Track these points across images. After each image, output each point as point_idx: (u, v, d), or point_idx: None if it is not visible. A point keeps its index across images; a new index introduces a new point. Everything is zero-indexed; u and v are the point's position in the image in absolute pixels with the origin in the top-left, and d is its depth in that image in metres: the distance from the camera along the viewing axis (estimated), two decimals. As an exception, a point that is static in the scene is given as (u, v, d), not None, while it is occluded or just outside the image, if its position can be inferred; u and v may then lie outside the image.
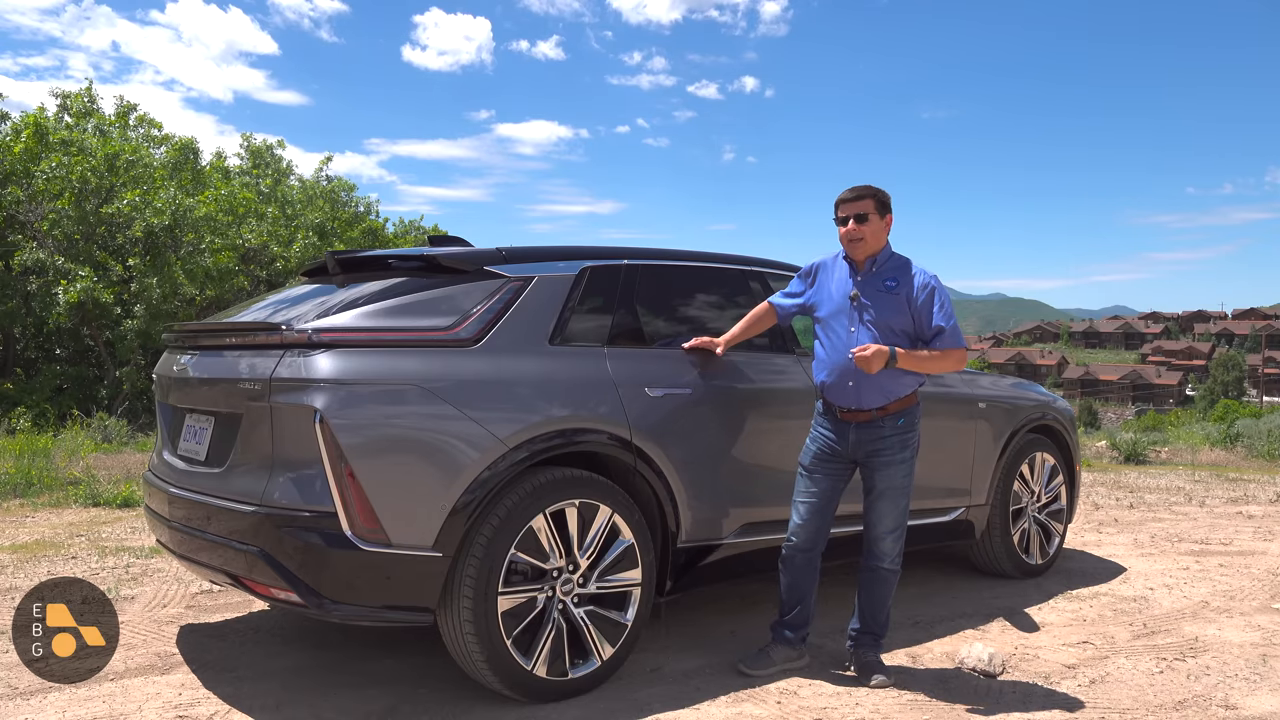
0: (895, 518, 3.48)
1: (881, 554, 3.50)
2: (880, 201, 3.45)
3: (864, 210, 3.42)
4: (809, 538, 3.50)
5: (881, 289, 3.43)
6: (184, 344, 3.65)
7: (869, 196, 3.43)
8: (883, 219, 3.45)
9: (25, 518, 6.51)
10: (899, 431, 3.43)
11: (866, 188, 3.45)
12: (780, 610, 3.60)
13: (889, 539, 3.49)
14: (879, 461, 3.43)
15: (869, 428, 3.42)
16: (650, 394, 3.49)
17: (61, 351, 17.98)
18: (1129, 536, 6.41)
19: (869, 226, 3.42)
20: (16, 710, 3.12)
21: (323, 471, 2.87)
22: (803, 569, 3.53)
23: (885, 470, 3.43)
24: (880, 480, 3.44)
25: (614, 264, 3.67)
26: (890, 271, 3.45)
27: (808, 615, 3.57)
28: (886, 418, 3.42)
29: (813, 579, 3.55)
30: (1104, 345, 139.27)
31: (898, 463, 3.43)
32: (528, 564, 3.15)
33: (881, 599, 3.53)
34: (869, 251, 3.46)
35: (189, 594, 4.53)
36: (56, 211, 15.86)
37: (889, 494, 3.45)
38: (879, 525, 3.48)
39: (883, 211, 3.45)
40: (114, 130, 19.92)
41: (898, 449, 3.43)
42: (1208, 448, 13.33)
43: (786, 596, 3.58)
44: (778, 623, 3.60)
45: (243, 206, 18.96)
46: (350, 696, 3.27)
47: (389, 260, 3.52)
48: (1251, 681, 3.54)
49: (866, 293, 3.44)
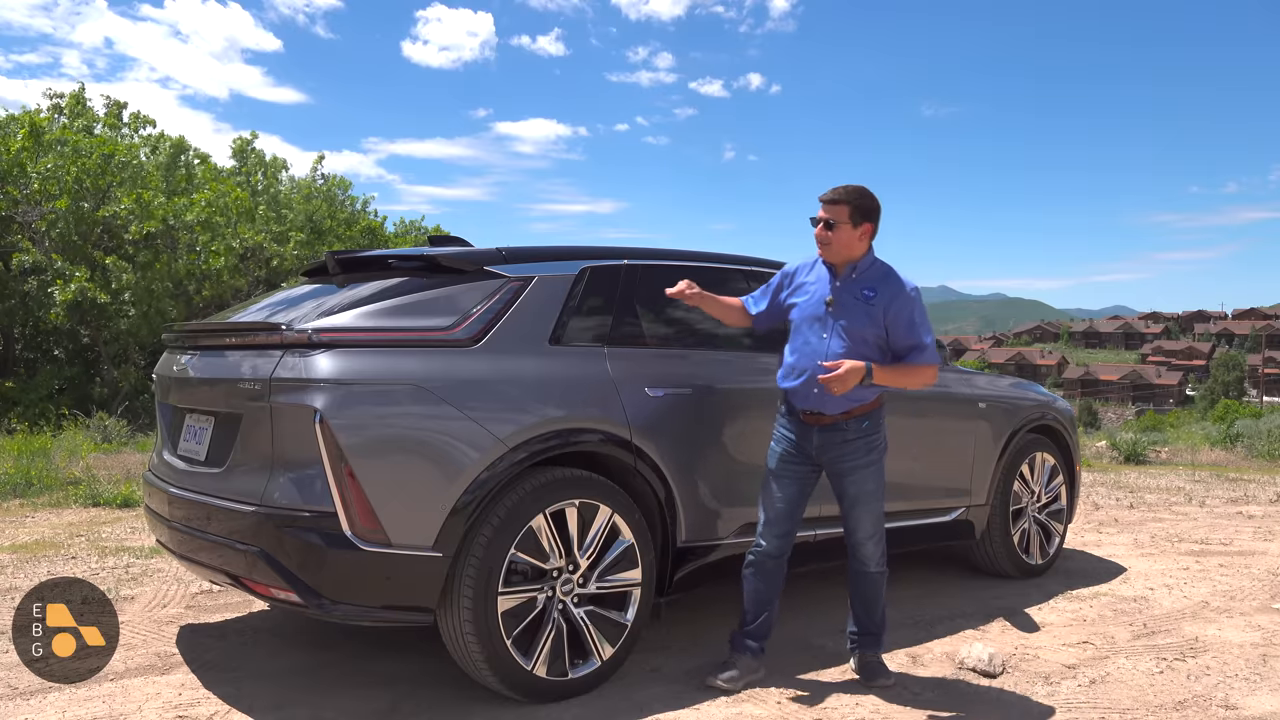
0: (873, 523, 3.41)
1: (865, 558, 3.44)
2: (857, 209, 3.30)
3: (836, 217, 3.30)
4: (778, 544, 3.42)
5: (859, 297, 3.33)
6: (184, 344, 3.65)
7: (844, 203, 3.30)
8: (857, 227, 3.30)
9: (25, 518, 6.51)
10: (863, 434, 3.35)
11: (846, 192, 3.31)
12: (742, 620, 3.47)
13: (869, 544, 3.43)
14: (845, 467, 3.35)
15: (832, 431, 3.34)
16: (650, 394, 3.49)
17: (59, 352, 17.98)
18: (1129, 536, 6.41)
19: (836, 234, 3.30)
20: (16, 710, 3.12)
21: (323, 471, 2.87)
22: (771, 575, 3.44)
23: (854, 476, 3.35)
24: (850, 487, 3.37)
25: (614, 264, 3.67)
26: (870, 280, 3.34)
27: (770, 625, 3.48)
28: (850, 421, 3.34)
29: (778, 586, 3.47)
30: (1104, 345, 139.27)
31: (864, 466, 3.35)
32: (528, 564, 3.15)
33: (873, 600, 3.48)
34: (839, 257, 3.36)
35: (189, 594, 4.53)
36: (54, 212, 15.86)
37: (862, 500, 3.37)
38: (858, 532, 3.42)
39: (857, 220, 3.30)
40: (107, 130, 19.91)
41: (863, 453, 3.35)
42: (1208, 448, 13.33)
43: (751, 605, 3.46)
44: (740, 633, 3.47)
45: (236, 206, 18.96)
46: (350, 696, 3.27)
47: (389, 260, 3.52)
48: (1251, 681, 3.54)
49: (842, 300, 3.32)
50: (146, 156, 20.32)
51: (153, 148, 21.18)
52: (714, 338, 3.86)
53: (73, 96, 19.99)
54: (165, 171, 19.68)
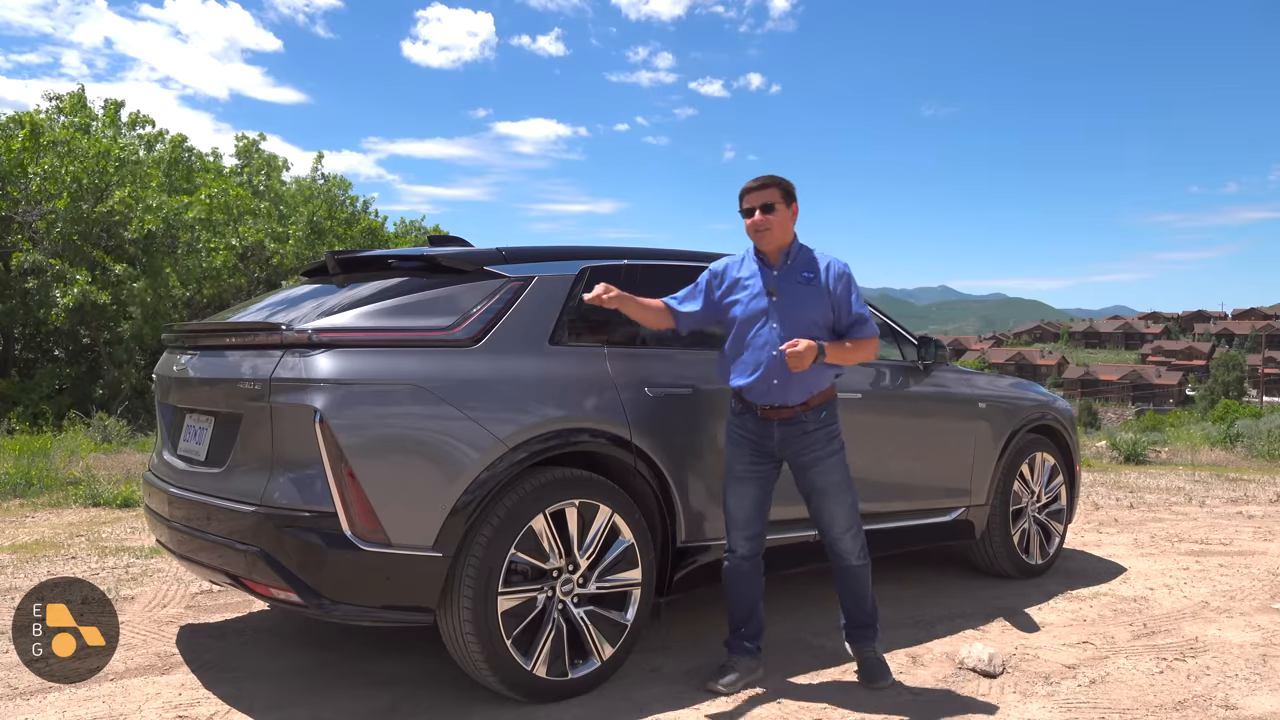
0: (846, 514, 3.37)
1: (845, 553, 3.41)
2: (785, 190, 3.34)
3: (770, 200, 3.32)
4: (750, 546, 3.41)
5: (799, 281, 3.34)
6: (184, 344, 3.65)
7: (774, 185, 3.33)
8: (789, 208, 3.34)
9: (25, 518, 6.51)
10: (822, 425, 3.34)
11: (771, 177, 3.34)
12: (732, 625, 3.49)
13: (847, 537, 3.39)
14: (809, 460, 3.34)
15: (792, 424, 3.32)
16: (650, 394, 3.49)
17: (60, 352, 17.98)
18: (1129, 536, 6.41)
19: (776, 216, 3.32)
20: (16, 710, 3.12)
21: (323, 471, 2.87)
22: (749, 577, 3.44)
23: (819, 468, 3.33)
24: (818, 479, 3.34)
25: (613, 264, 3.67)
26: (805, 264, 3.37)
27: (761, 624, 3.49)
28: (809, 412, 3.32)
29: (759, 586, 3.47)
30: (1104, 345, 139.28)
31: (828, 457, 3.34)
32: (528, 564, 3.15)
33: (860, 593, 3.45)
34: (778, 243, 3.36)
35: (189, 594, 4.53)
36: (54, 212, 15.86)
37: (832, 492, 3.35)
38: (834, 527, 3.38)
39: (788, 200, 3.34)
40: (105, 129, 19.91)
41: (824, 442, 3.34)
42: (1208, 448, 13.33)
43: (736, 610, 3.47)
44: (734, 637, 3.48)
45: (237, 205, 18.96)
46: (350, 696, 3.27)
47: (389, 260, 3.52)
48: (1251, 681, 3.54)
49: (784, 287, 3.33)
50: (144, 154, 20.32)
51: (150, 145, 21.18)
52: (713, 337, 3.85)
53: (72, 97, 20.01)
54: (165, 169, 19.68)
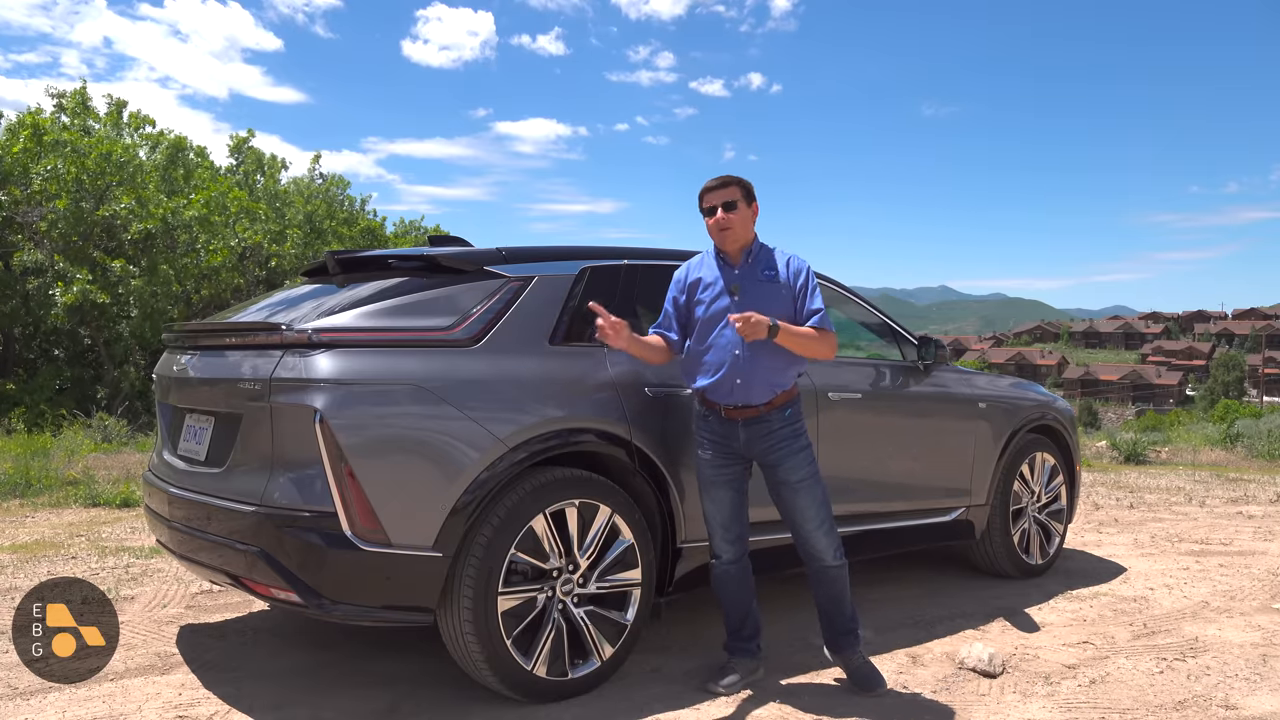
0: (817, 510, 3.32)
1: (819, 552, 3.34)
2: (746, 189, 3.34)
3: (731, 198, 3.31)
4: (734, 549, 3.40)
5: (761, 279, 3.33)
6: (184, 344, 3.65)
7: (735, 184, 3.32)
8: (750, 206, 3.35)
9: (25, 518, 6.51)
10: (787, 423, 3.32)
11: (731, 177, 3.33)
12: (729, 629, 3.50)
13: (819, 534, 3.34)
14: (777, 456, 3.31)
15: (757, 424, 3.30)
16: (650, 394, 3.50)
17: (60, 352, 17.99)
18: (1129, 536, 6.41)
19: (738, 214, 3.31)
20: (16, 710, 3.12)
21: (323, 471, 2.87)
22: (739, 579, 3.43)
23: (787, 464, 3.30)
24: (787, 475, 3.30)
25: (614, 264, 3.67)
26: (766, 261, 3.36)
27: (758, 623, 3.49)
28: (773, 411, 3.30)
29: (750, 587, 3.46)
30: (1104, 345, 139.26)
31: (795, 453, 3.31)
32: (528, 564, 3.15)
33: (839, 596, 3.40)
34: (740, 242, 3.35)
35: (189, 594, 4.53)
36: (55, 212, 15.87)
37: (801, 487, 3.31)
38: (805, 524, 3.34)
39: (749, 199, 3.34)
40: (107, 129, 19.92)
41: (790, 439, 3.31)
42: (1208, 448, 13.33)
43: (731, 613, 3.47)
44: (732, 639, 3.49)
45: (235, 205, 18.96)
46: (350, 696, 3.27)
47: (389, 260, 3.52)
48: (1251, 681, 3.54)
49: (746, 285, 3.31)
50: (145, 155, 20.33)
51: (152, 146, 21.20)
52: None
53: (75, 94, 20.03)
54: (164, 170, 19.69)
